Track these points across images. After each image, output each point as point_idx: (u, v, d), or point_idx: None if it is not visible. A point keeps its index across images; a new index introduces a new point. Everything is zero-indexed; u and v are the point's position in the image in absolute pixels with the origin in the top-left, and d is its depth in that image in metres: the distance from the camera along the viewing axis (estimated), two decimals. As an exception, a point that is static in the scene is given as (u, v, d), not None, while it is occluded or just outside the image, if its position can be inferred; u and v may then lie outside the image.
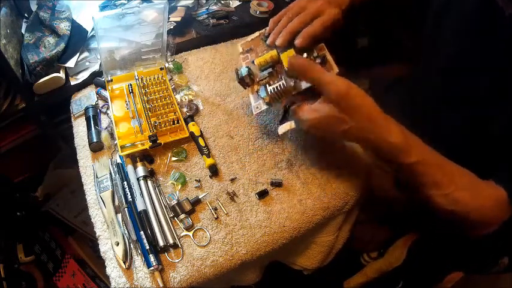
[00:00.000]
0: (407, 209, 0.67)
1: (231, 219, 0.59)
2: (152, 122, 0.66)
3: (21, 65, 0.75)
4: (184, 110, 0.73)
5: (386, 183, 0.71)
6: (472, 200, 0.49)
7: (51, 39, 0.77)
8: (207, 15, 0.92)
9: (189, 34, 0.89)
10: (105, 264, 0.54)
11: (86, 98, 0.74)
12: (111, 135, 0.67)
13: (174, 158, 0.66)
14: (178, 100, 0.74)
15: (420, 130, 0.52)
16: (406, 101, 0.77)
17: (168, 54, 0.80)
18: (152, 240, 0.54)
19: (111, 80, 0.73)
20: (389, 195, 0.71)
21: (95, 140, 0.65)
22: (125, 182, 0.60)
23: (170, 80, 0.77)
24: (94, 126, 0.67)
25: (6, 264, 0.95)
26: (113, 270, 0.53)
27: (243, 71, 0.60)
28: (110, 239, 0.55)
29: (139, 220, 0.56)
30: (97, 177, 0.62)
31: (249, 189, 0.63)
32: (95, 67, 0.78)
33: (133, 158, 0.64)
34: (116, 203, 0.59)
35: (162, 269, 0.53)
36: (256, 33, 0.66)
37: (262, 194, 0.62)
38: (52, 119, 0.84)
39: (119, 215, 0.58)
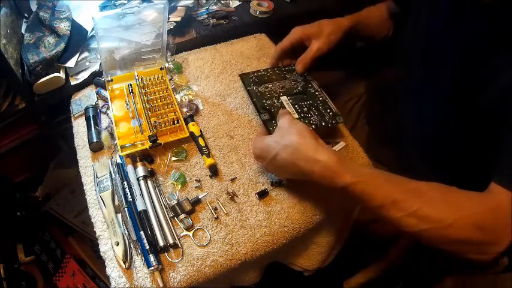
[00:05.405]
0: None
1: (231, 219, 0.59)
2: (152, 122, 0.66)
3: (21, 65, 0.75)
4: (184, 110, 0.73)
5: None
6: (449, 213, 0.44)
7: (51, 39, 0.77)
8: (207, 15, 0.92)
9: (189, 34, 0.89)
10: (105, 264, 0.54)
11: (86, 98, 0.74)
12: (111, 135, 0.67)
13: (174, 158, 0.66)
14: (178, 100, 0.74)
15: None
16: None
17: (168, 54, 0.80)
18: (152, 240, 0.54)
19: (111, 80, 0.73)
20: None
21: (95, 140, 0.65)
22: (125, 182, 0.60)
23: (170, 80, 0.77)
24: (94, 126, 0.67)
25: (6, 264, 0.95)
26: (113, 270, 0.53)
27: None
28: (110, 239, 0.55)
29: (139, 220, 0.56)
30: (97, 177, 0.62)
31: (249, 189, 0.63)
32: (95, 67, 0.78)
33: (133, 158, 0.64)
34: (116, 203, 0.59)
35: (162, 269, 0.53)
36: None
37: (262, 194, 0.62)
38: (52, 119, 0.84)
39: (119, 215, 0.58)
